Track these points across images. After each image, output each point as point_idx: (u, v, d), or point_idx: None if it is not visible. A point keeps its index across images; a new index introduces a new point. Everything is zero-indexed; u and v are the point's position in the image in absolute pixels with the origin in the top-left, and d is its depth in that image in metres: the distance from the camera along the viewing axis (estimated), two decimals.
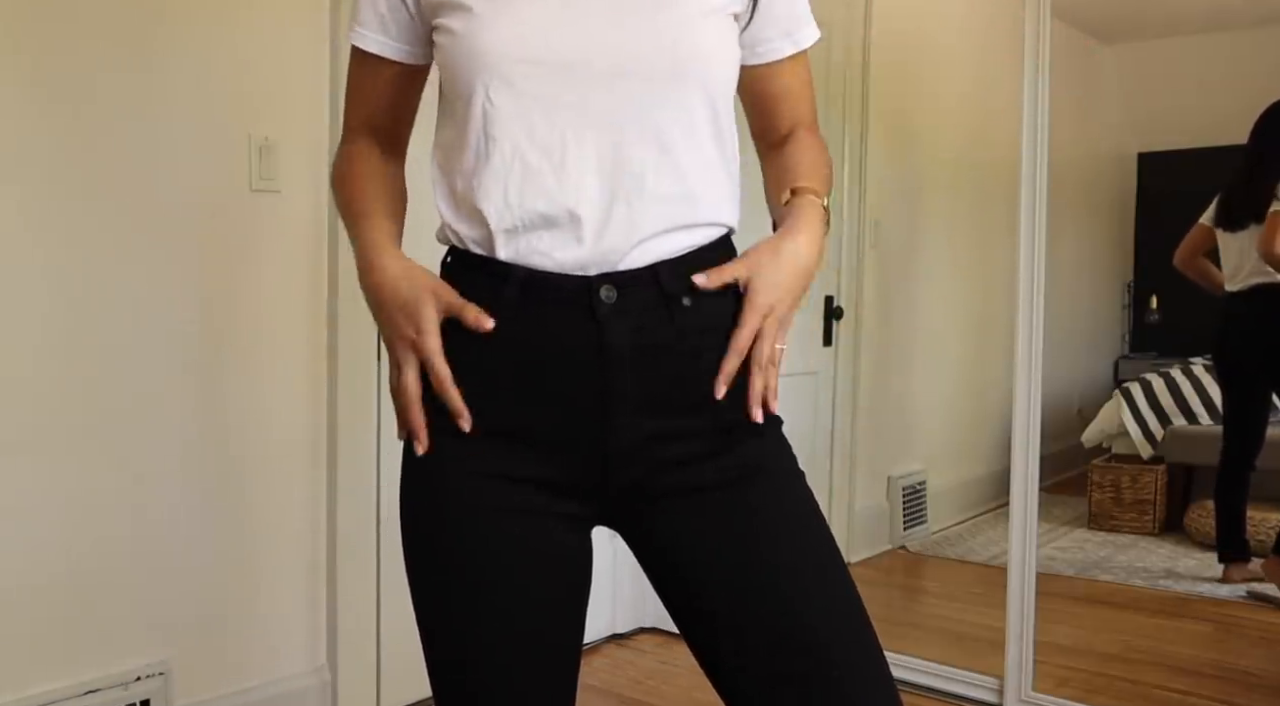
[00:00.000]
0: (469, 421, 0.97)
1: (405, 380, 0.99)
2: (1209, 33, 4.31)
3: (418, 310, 0.97)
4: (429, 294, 0.97)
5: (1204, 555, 3.66)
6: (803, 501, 1.02)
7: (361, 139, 1.12)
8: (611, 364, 0.95)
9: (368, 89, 1.11)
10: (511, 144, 0.95)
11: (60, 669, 1.96)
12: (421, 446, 1.00)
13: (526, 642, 1.00)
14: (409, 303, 0.97)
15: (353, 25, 1.08)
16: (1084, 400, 4.37)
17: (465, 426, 0.97)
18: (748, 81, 1.11)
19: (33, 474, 1.91)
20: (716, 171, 1.01)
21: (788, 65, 1.10)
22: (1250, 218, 3.22)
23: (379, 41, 1.07)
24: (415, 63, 1.08)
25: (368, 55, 1.08)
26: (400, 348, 0.99)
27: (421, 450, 1.00)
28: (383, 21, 1.06)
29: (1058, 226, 2.48)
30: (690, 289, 0.98)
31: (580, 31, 0.95)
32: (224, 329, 2.14)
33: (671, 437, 0.98)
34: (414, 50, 1.07)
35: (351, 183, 1.09)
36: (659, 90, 0.96)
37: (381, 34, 1.06)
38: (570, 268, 0.95)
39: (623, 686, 2.66)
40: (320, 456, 2.30)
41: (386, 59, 1.07)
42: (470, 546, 0.99)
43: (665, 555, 1.02)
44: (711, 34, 0.99)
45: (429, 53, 1.07)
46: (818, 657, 0.97)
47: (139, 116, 2.00)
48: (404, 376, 0.99)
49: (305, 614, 2.31)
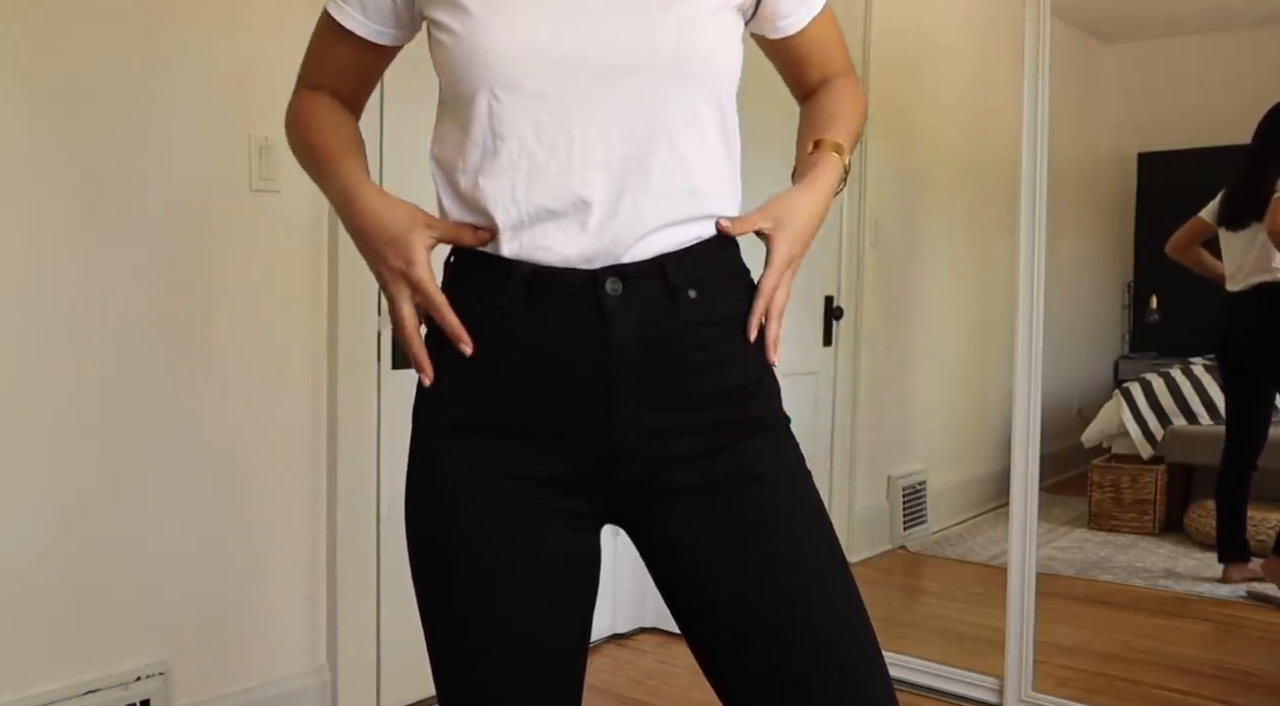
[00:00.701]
0: (470, 345, 0.98)
1: (402, 312, 1.00)
2: (1209, 33, 4.31)
3: (406, 241, 0.98)
4: (416, 224, 0.98)
5: (1204, 555, 3.66)
6: (806, 500, 1.02)
7: (314, 91, 1.12)
8: (616, 356, 0.95)
9: (332, 59, 1.11)
10: (519, 142, 0.95)
11: (60, 669, 1.96)
12: (428, 377, 1.01)
13: (529, 642, 1.00)
14: (397, 236, 0.98)
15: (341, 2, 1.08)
16: (1084, 400, 4.37)
17: (466, 350, 0.98)
18: (776, 53, 1.15)
19: (32, 474, 1.91)
20: (721, 166, 1.02)
21: (810, 32, 1.13)
22: (1252, 216, 3.22)
23: (355, 19, 1.07)
24: (388, 44, 1.09)
25: (340, 27, 1.08)
26: (391, 280, 0.99)
27: (428, 381, 1.01)
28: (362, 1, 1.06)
29: (1058, 226, 2.49)
30: (694, 283, 0.98)
31: (585, 29, 0.95)
32: (224, 329, 2.14)
33: (675, 433, 0.98)
34: (389, 33, 1.08)
35: (315, 129, 1.09)
36: (664, 86, 0.96)
37: (359, 12, 1.06)
38: (575, 261, 0.95)
39: (623, 686, 2.66)
40: (320, 456, 2.30)
41: (358, 36, 1.08)
42: (474, 545, 0.99)
43: (667, 553, 1.02)
44: (715, 30, 1.00)
45: (405, 35, 1.08)
46: (817, 657, 0.96)
47: (139, 116, 2.00)
48: (400, 308, 1.00)
49: (305, 614, 2.31)
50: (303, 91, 1.13)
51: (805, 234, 1.04)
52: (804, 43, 1.13)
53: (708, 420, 0.99)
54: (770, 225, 1.03)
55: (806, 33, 1.12)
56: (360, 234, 1.01)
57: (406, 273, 0.98)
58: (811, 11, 1.11)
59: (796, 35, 1.12)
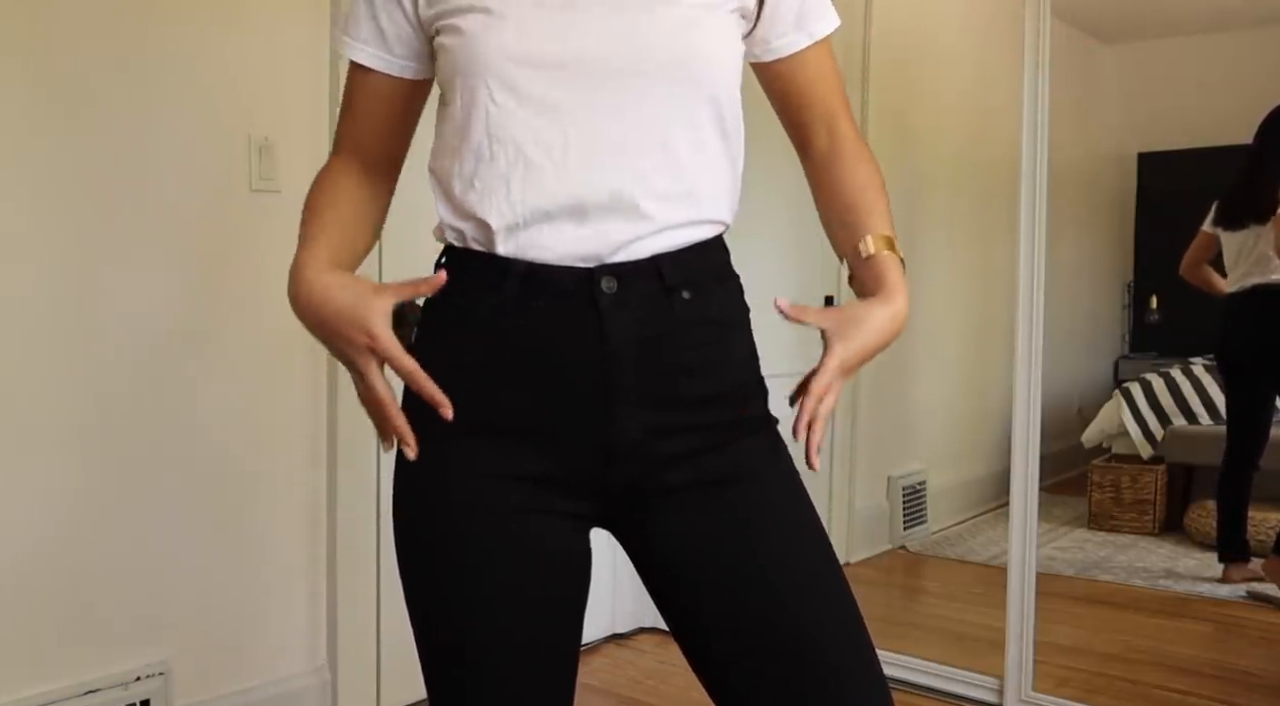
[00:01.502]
0: (450, 409, 0.96)
1: (374, 387, 0.97)
2: (1209, 33, 4.31)
3: (364, 313, 0.95)
4: (367, 294, 0.96)
5: (1204, 555, 3.66)
6: (797, 500, 1.02)
7: (343, 156, 1.08)
8: (612, 355, 0.95)
9: (360, 105, 1.07)
10: (515, 145, 0.95)
11: (60, 669, 1.96)
12: (411, 451, 0.99)
13: (521, 641, 1.00)
14: (354, 308, 0.95)
15: (343, 37, 1.05)
16: (1084, 400, 4.37)
17: (447, 415, 0.96)
18: (769, 80, 1.10)
19: (33, 474, 1.91)
20: (719, 170, 1.01)
21: (807, 59, 1.08)
22: (1250, 217, 3.22)
23: (376, 56, 1.03)
24: (416, 78, 1.05)
25: (364, 69, 1.04)
26: (356, 356, 0.96)
27: (412, 454, 0.99)
28: (382, 36, 1.03)
29: (1058, 226, 2.48)
30: (689, 284, 0.98)
31: (581, 33, 0.95)
32: (224, 329, 2.14)
33: (669, 432, 0.98)
34: (415, 66, 1.05)
35: (309, 208, 1.05)
36: (661, 89, 0.96)
37: (380, 48, 1.03)
38: (571, 260, 0.95)
39: (622, 686, 2.66)
40: (320, 456, 2.30)
41: (383, 74, 1.04)
42: (466, 546, 0.98)
43: (659, 553, 1.02)
44: (713, 31, 0.99)
45: (430, 68, 1.05)
46: (810, 657, 0.96)
47: (139, 117, 2.00)
48: (371, 383, 0.97)
49: (305, 614, 2.31)
50: (331, 161, 1.09)
51: (867, 351, 0.99)
52: (802, 70, 1.08)
53: (701, 420, 0.99)
54: (832, 328, 0.98)
55: (803, 62, 1.08)
56: (314, 321, 0.98)
57: (372, 347, 0.95)
58: (812, 37, 1.07)
59: (792, 62, 1.08)
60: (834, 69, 1.11)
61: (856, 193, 1.07)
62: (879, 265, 1.02)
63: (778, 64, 1.08)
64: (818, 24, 1.08)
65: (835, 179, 1.09)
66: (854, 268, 1.05)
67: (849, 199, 1.07)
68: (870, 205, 1.06)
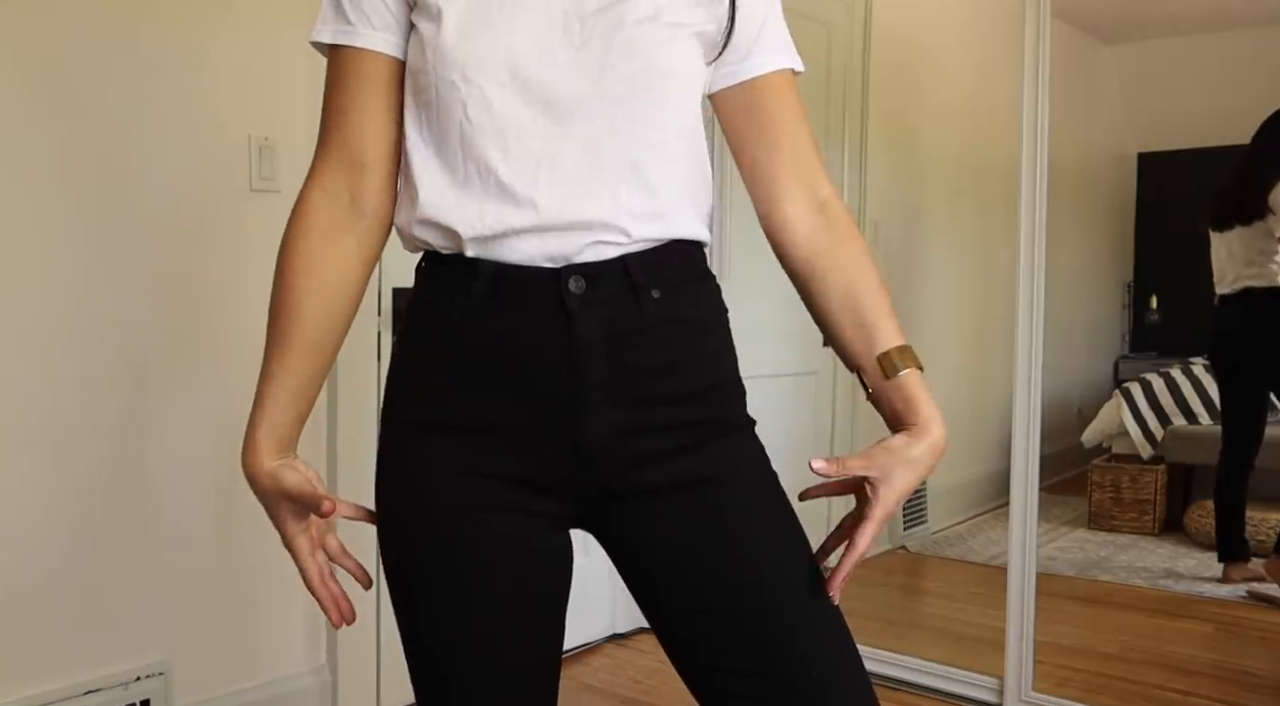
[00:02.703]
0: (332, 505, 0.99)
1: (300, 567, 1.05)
2: (1209, 33, 4.32)
3: (274, 518, 1.03)
4: (278, 502, 1.03)
5: (1204, 555, 3.67)
6: (775, 502, 1.02)
7: (327, 179, 1.03)
8: (581, 353, 0.95)
9: (350, 100, 1.01)
10: (485, 162, 0.94)
11: (60, 669, 1.96)
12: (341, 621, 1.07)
13: (502, 643, 1.00)
14: (268, 508, 1.04)
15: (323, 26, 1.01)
16: (1084, 400, 4.38)
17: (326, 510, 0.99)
18: (731, 115, 1.05)
19: (32, 474, 1.91)
20: (688, 189, 1.00)
21: (777, 85, 1.04)
22: (1238, 219, 3.23)
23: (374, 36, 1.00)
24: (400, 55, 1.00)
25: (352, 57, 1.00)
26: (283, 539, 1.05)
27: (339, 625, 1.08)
28: (363, 14, 0.99)
29: (1058, 227, 2.49)
30: (658, 283, 0.97)
31: (549, 53, 0.94)
32: (224, 328, 2.14)
33: (641, 432, 0.97)
34: (401, 43, 1.00)
35: (287, 272, 1.05)
36: (627, 110, 0.95)
37: (365, 26, 1.00)
38: (539, 260, 0.95)
39: (622, 686, 2.66)
40: (320, 456, 2.30)
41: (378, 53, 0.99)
42: (446, 545, 0.99)
43: (641, 557, 1.01)
44: (679, 52, 0.98)
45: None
46: (791, 658, 0.96)
47: (139, 117, 2.00)
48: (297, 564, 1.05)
49: (305, 614, 2.32)
50: (310, 177, 1.04)
51: (915, 481, 0.97)
52: (766, 99, 1.03)
53: (674, 419, 0.98)
54: (878, 474, 0.95)
55: (773, 88, 1.03)
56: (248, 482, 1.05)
57: (285, 544, 1.04)
58: (775, 64, 1.03)
59: (762, 85, 1.03)
60: (802, 109, 1.06)
61: (868, 295, 1.02)
62: (910, 388, 0.98)
63: (741, 92, 1.04)
64: (785, 56, 1.05)
65: (838, 273, 1.03)
66: (876, 386, 1.00)
67: (859, 300, 1.02)
68: (883, 308, 1.01)
